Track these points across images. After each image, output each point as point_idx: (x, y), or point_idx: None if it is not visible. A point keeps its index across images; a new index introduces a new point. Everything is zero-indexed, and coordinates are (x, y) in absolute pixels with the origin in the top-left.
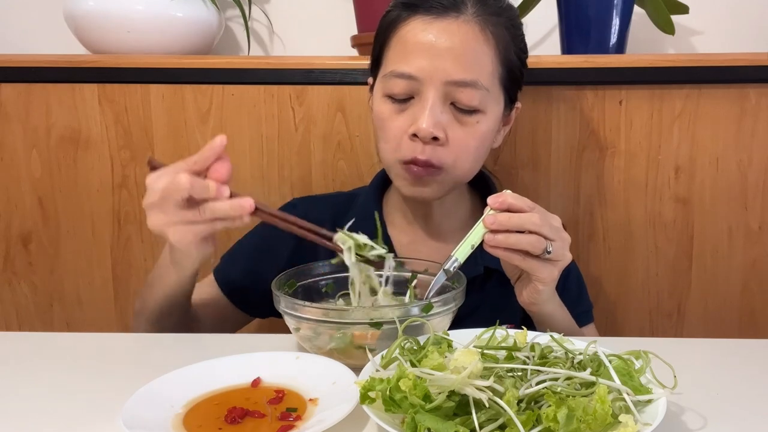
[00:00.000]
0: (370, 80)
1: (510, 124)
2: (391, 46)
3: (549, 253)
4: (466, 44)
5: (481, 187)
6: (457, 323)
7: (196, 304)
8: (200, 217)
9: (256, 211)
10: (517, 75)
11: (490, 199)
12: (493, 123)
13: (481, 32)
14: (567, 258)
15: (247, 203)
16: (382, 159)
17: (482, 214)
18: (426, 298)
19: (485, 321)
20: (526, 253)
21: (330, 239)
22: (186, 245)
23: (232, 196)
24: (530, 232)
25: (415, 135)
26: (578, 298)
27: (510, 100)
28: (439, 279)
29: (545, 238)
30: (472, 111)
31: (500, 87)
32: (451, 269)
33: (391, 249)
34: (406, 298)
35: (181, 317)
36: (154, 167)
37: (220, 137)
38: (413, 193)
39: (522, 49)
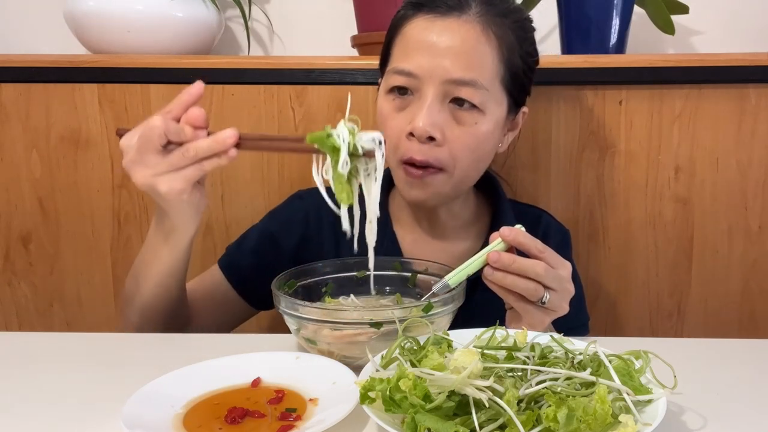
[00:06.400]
0: (380, 80)
1: (517, 129)
2: (395, 44)
3: (543, 303)
4: (467, 43)
5: (487, 188)
6: (462, 324)
7: (196, 297)
8: (185, 160)
9: (241, 141)
10: (522, 78)
11: (503, 230)
12: (494, 125)
13: (483, 32)
14: (563, 309)
15: (230, 133)
16: (386, 160)
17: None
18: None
19: (491, 322)
20: (522, 296)
21: (300, 141)
22: (177, 195)
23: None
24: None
25: (412, 134)
26: (576, 314)
27: (515, 104)
28: (429, 297)
29: (545, 287)
30: (470, 110)
31: (502, 89)
32: (440, 293)
33: (396, 247)
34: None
35: (174, 311)
36: (123, 134)
37: (198, 83)
38: (414, 197)
39: (529, 53)
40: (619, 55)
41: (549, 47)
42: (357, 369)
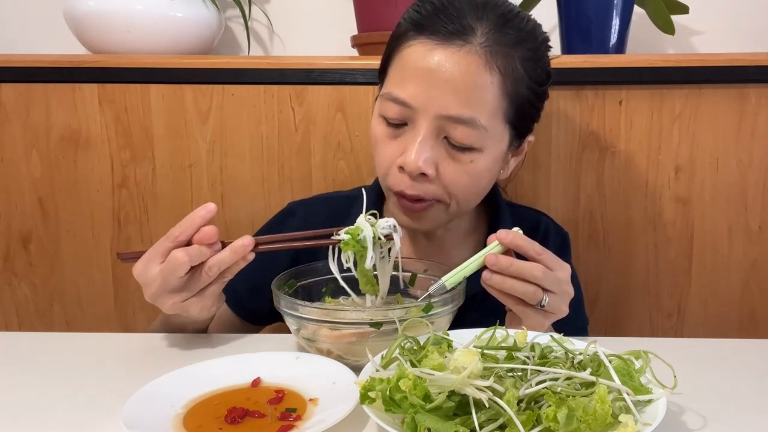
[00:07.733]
0: (379, 90)
1: (522, 155)
2: (393, 64)
3: (542, 306)
4: (467, 78)
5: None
6: None
7: None
8: (210, 278)
9: (257, 246)
10: (528, 109)
11: (500, 233)
12: (492, 161)
13: (485, 66)
14: (563, 312)
15: (247, 241)
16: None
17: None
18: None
19: None
20: (521, 299)
21: (329, 236)
22: (208, 310)
23: (224, 245)
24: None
25: (402, 167)
26: (575, 317)
27: (519, 135)
28: (426, 298)
29: (544, 289)
30: (466, 149)
31: (504, 124)
32: (436, 294)
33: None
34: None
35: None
36: (127, 259)
37: (210, 205)
38: (408, 225)
39: (539, 82)
40: (619, 55)
41: None
42: (357, 369)
